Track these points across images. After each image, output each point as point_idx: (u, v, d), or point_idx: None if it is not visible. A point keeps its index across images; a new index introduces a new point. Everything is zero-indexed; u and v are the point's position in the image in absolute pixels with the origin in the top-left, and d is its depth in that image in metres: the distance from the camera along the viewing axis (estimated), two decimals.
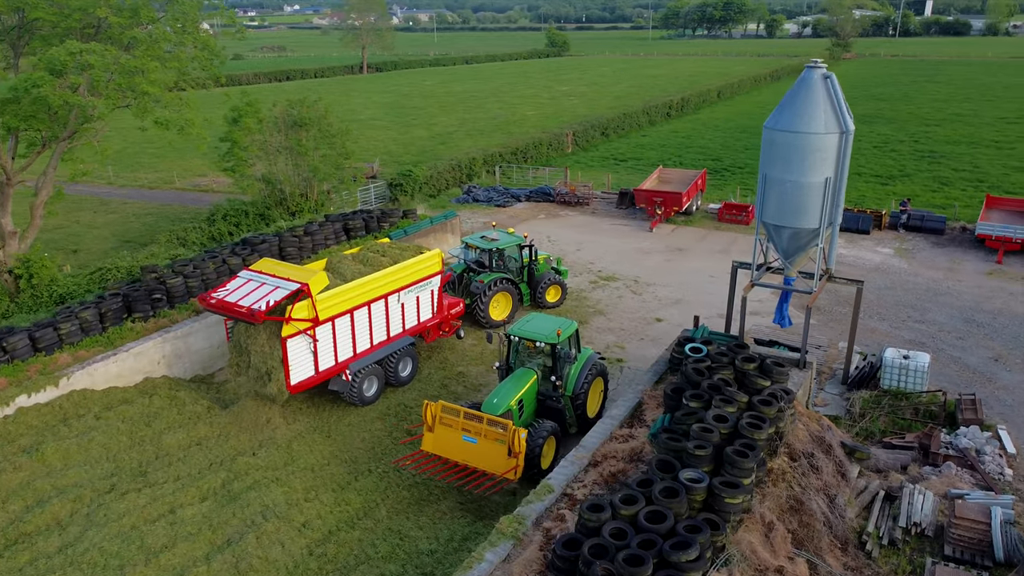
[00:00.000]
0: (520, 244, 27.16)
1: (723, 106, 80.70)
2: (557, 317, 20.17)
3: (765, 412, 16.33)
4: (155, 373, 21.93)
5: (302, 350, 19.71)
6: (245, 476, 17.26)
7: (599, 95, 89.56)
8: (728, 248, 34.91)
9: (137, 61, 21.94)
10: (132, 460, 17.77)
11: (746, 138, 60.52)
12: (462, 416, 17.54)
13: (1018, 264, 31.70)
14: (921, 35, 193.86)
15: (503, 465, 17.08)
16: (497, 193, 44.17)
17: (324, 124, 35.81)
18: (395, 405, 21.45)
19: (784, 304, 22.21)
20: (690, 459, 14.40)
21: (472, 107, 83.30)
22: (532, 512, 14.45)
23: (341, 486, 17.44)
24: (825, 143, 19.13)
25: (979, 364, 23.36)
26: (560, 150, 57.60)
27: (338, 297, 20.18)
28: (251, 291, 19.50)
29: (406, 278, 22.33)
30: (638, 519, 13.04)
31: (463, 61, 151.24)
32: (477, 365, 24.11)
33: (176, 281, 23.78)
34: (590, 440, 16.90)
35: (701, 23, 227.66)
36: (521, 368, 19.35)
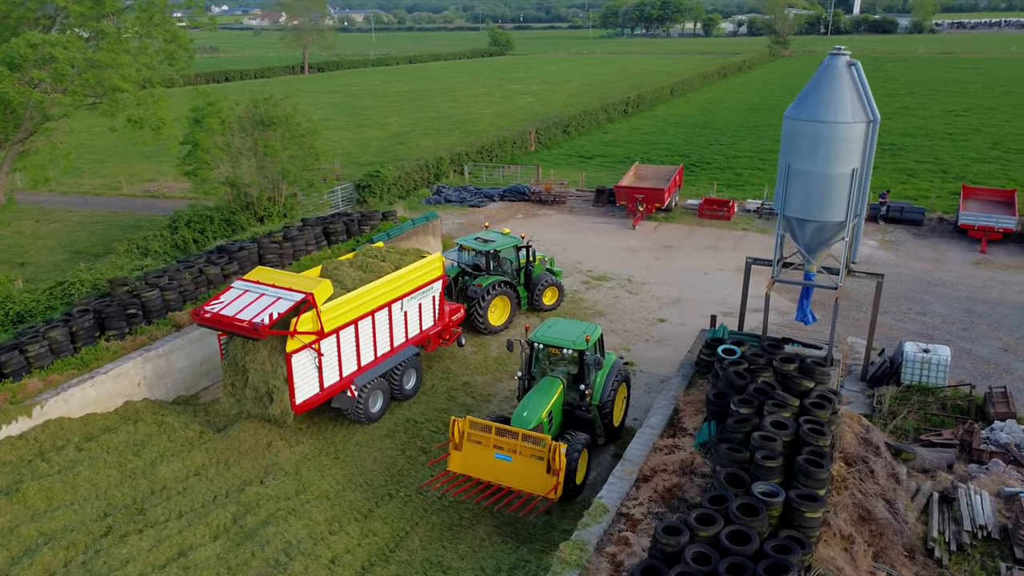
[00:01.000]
0: (517, 245, 25.94)
1: (678, 103, 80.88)
2: (579, 321, 19.02)
3: (820, 416, 15.53)
4: (136, 396, 19.96)
5: (307, 366, 18.09)
6: (257, 508, 15.58)
7: (552, 93, 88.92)
8: (715, 244, 34.36)
9: (106, 55, 19.89)
10: (125, 496, 15.89)
11: (708, 134, 60.49)
12: (494, 432, 16.24)
13: (1002, 253, 31.96)
14: (851, 33, 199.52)
15: (542, 483, 15.84)
16: (469, 193, 42.80)
17: (292, 123, 33.90)
18: (403, 421, 19.98)
19: (806, 300, 21.52)
20: (759, 471, 13.43)
21: (424, 106, 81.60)
22: (591, 536, 13.28)
23: (364, 514, 15.92)
24: (852, 133, 18.48)
25: (991, 355, 23.16)
26: (524, 148, 56.51)
27: (343, 307, 18.62)
28: (249, 303, 17.79)
29: (409, 284, 20.89)
30: (719, 540, 12.00)
31: (406, 61, 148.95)
32: (482, 374, 22.79)
33: (152, 294, 21.78)
34: (634, 452, 15.82)
35: (639, 22, 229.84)
36: (546, 377, 18.12)
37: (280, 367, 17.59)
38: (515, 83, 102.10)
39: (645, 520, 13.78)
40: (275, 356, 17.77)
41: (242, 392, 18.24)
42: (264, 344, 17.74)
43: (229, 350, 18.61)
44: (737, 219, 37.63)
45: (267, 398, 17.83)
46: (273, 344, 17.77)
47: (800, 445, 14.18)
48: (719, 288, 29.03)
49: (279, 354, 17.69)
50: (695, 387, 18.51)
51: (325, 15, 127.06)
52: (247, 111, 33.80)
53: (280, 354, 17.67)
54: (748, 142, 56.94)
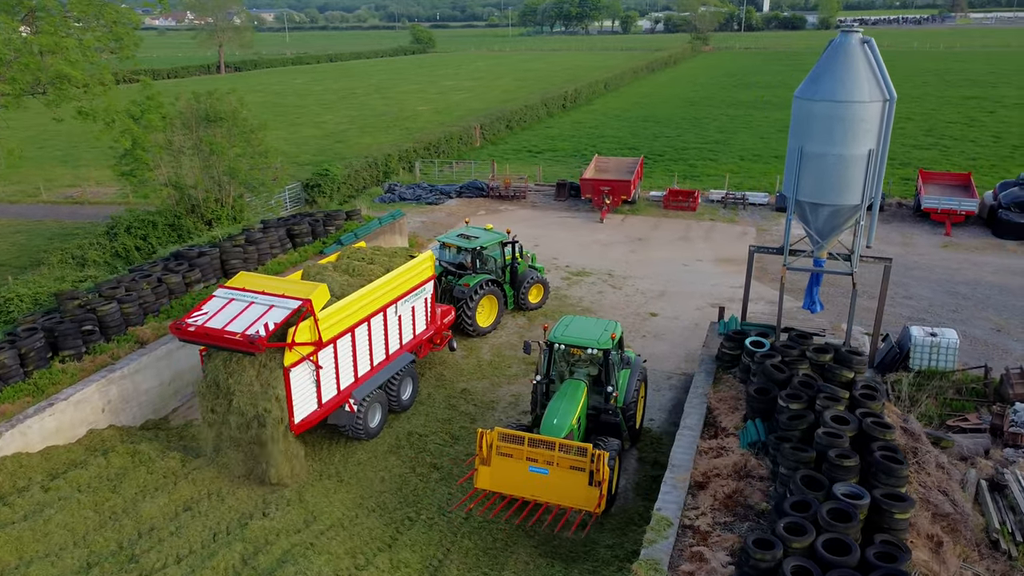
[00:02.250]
0: (502, 241, 24.52)
1: (612, 97, 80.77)
2: (596, 318, 17.78)
3: (873, 407, 14.76)
4: (100, 423, 17.63)
5: (305, 381, 16.22)
6: (267, 546, 13.71)
7: (485, 89, 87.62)
8: (686, 236, 33.75)
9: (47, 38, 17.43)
10: (109, 541, 13.75)
11: (652, 127, 60.32)
12: (527, 443, 14.82)
13: (966, 235, 32.43)
14: (762, 29, 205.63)
15: (584, 497, 14.53)
16: (423, 190, 41.02)
17: (239, 119, 31.48)
18: (404, 435, 18.32)
19: (815, 288, 20.89)
20: (834, 471, 12.48)
21: (356, 104, 79.05)
22: (661, 554, 12.05)
23: (387, 543, 14.26)
24: (869, 112, 17.87)
25: (986, 336, 23.13)
26: (469, 144, 55.00)
27: (339, 313, 16.82)
28: (239, 313, 15.80)
29: (403, 286, 19.22)
30: (816, 551, 10.95)
31: (327, 59, 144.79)
32: (479, 379, 21.30)
33: (108, 308, 19.40)
34: (680, 457, 14.68)
35: (558, 20, 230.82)
36: (568, 380, 16.80)
37: (271, 387, 15.56)
38: (446, 80, 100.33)
39: (714, 532, 12.64)
40: (265, 374, 15.71)
41: (224, 418, 16.05)
42: (251, 361, 15.70)
43: (208, 370, 16.35)
44: (703, 209, 37.17)
45: (255, 423, 15.75)
46: (262, 360, 15.74)
47: (865, 440, 13.34)
48: (702, 280, 28.33)
49: (270, 371, 15.68)
50: (722, 383, 17.53)
51: (241, 11, 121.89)
52: (189, 106, 31.17)
53: (271, 371, 15.67)
54: (693, 134, 56.99)
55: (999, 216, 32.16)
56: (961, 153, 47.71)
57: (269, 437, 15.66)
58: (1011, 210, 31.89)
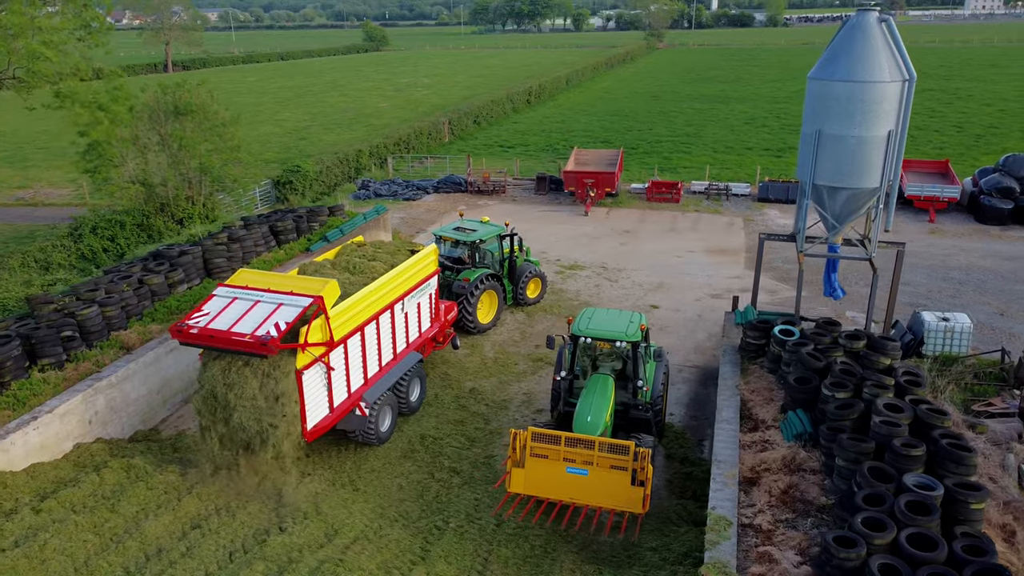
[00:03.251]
0: (500, 234, 23.60)
1: (576, 93, 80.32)
2: (617, 310, 16.99)
3: (920, 393, 14.30)
4: (87, 437, 16.21)
5: (317, 384, 15.09)
6: (292, 564, 12.57)
7: (445, 86, 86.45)
8: (674, 227, 33.27)
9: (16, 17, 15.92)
10: (114, 567, 12.45)
11: (621, 121, 59.98)
12: (563, 443, 13.95)
13: (949, 222, 32.62)
14: (712, 27, 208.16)
15: (626, 497, 13.74)
16: (399, 186, 39.82)
17: (210, 112, 29.89)
18: (417, 439, 17.28)
19: (832, 274, 20.47)
20: (900, 461, 11.90)
21: (313, 101, 77.15)
22: (727, 555, 11.31)
23: (421, 556, 13.25)
24: (889, 92, 17.46)
25: (989, 320, 23.04)
26: (438, 139, 53.85)
27: (350, 311, 15.72)
28: (244, 313, 14.58)
29: (409, 281, 18.18)
30: (901, 547, 10.33)
31: (277, 57, 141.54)
32: (486, 378, 20.35)
33: (89, 312, 17.90)
34: (723, 452, 13.99)
35: (510, 18, 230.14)
36: (594, 375, 15.99)
37: (284, 394, 14.32)
38: (403, 77, 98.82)
39: (777, 530, 11.96)
40: (271, 380, 14.37)
41: (221, 433, 14.72)
42: (253, 370, 14.39)
43: (205, 380, 14.93)
44: (686, 201, 36.78)
45: (259, 439, 14.48)
46: (265, 369, 14.42)
47: (922, 428, 12.82)
48: (698, 271, 27.83)
49: (275, 380, 14.38)
50: (750, 374, 16.92)
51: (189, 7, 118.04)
52: (155, 98, 29.48)
53: (276, 380, 14.39)
54: (663, 127, 56.80)
55: (981, 202, 32.41)
56: (928, 142, 48.37)
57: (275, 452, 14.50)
58: (993, 196, 32.16)
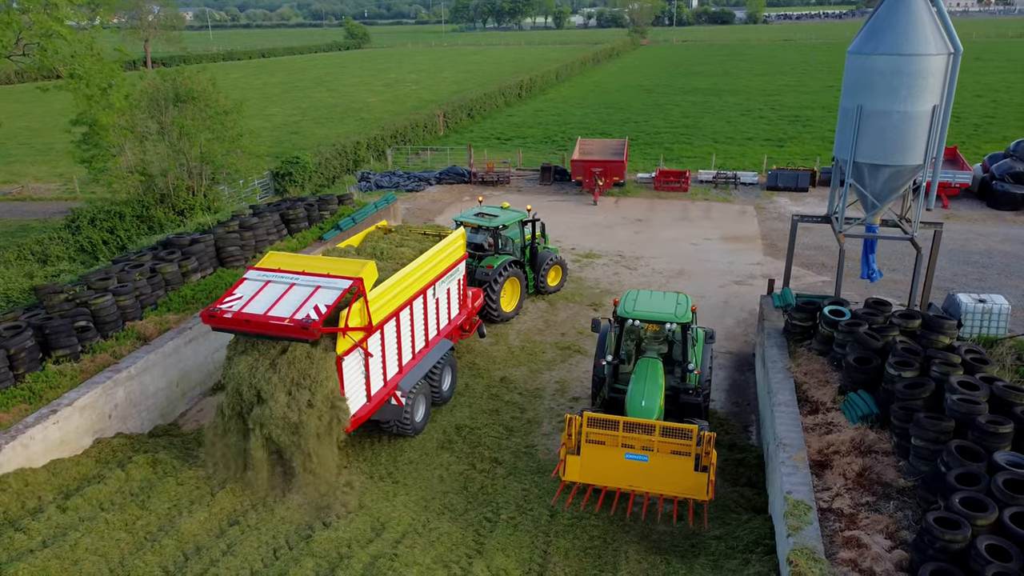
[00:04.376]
0: (522, 220, 22.90)
1: (566, 87, 79.76)
2: (660, 291, 16.36)
3: (988, 371, 13.80)
4: (107, 432, 15.29)
5: (356, 372, 14.31)
6: (343, 561, 11.78)
7: (433, 81, 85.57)
8: (686, 216, 32.74)
9: None
10: (152, 567, 11.60)
11: (617, 113, 59.47)
12: (622, 428, 13.29)
13: (962, 207, 32.38)
14: (693, 24, 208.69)
15: (690, 484, 13.11)
16: (399, 178, 38.97)
17: (211, 99, 28.96)
18: (452, 429, 16.54)
19: (871, 255, 19.99)
20: (987, 439, 11.37)
21: (301, 97, 75.97)
22: (812, 541, 10.69)
23: (476, 549, 12.52)
24: (934, 66, 16.98)
25: (1019, 302, 22.68)
26: (433, 132, 53.02)
27: (387, 294, 14.95)
28: (280, 296, 13.77)
29: (440, 265, 17.43)
30: (1006, 528, 9.79)
31: (259, 55, 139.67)
32: (515, 367, 19.64)
33: (103, 301, 16.98)
34: (787, 435, 13.38)
35: (490, 16, 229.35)
36: (642, 359, 15.34)
37: (319, 381, 13.50)
38: (389, 73, 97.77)
39: (860, 514, 11.38)
40: (309, 366, 13.54)
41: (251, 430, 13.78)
42: (289, 352, 13.54)
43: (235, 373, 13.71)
44: (694, 190, 36.29)
45: (293, 433, 13.59)
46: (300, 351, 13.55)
47: (1000, 406, 12.29)
48: (716, 257, 27.31)
49: (312, 362, 13.56)
50: (799, 356, 16.35)
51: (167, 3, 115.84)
52: (154, 85, 28.51)
53: (314, 362, 13.58)
54: (660, 119, 56.35)
55: (994, 188, 32.19)
56: None
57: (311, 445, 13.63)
58: (1006, 181, 31.95)
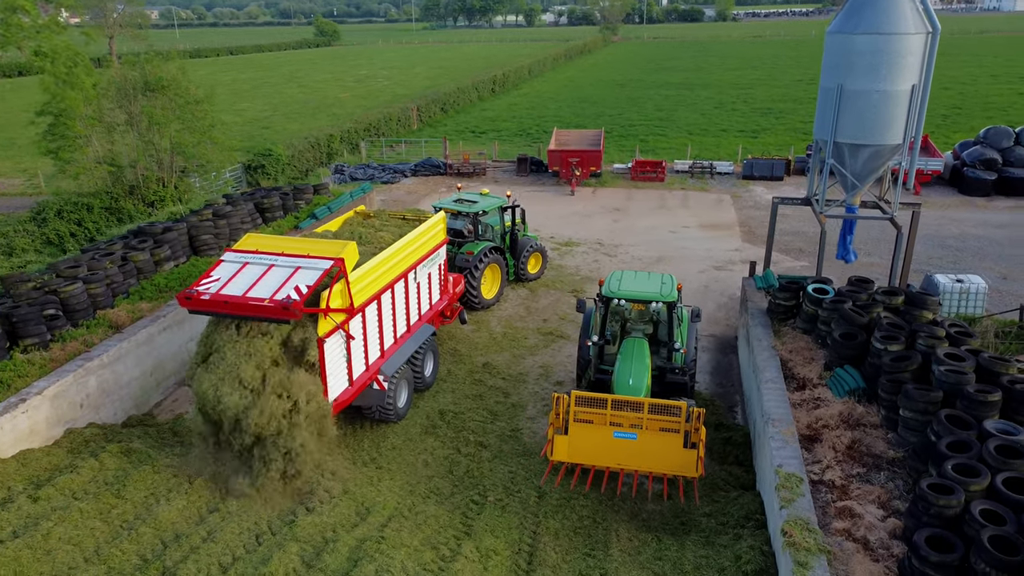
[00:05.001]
0: (502, 206, 22.69)
1: (540, 82, 79.68)
2: (645, 271, 16.24)
3: (972, 344, 13.85)
4: (79, 421, 14.81)
5: (337, 354, 13.99)
6: (329, 544, 11.48)
7: (405, 77, 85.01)
8: (664, 205, 32.76)
9: None
10: (129, 555, 11.19)
11: (591, 107, 59.50)
12: (610, 406, 13.13)
13: (934, 194, 32.75)
14: (663, 22, 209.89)
15: (680, 461, 12.99)
16: (375, 170, 38.55)
17: (181, 88, 28.35)
18: (436, 414, 16.28)
19: (849, 236, 20.06)
20: (976, 408, 11.38)
21: (271, 93, 75.04)
22: (805, 512, 10.61)
23: (464, 531, 12.28)
24: (913, 45, 17.07)
25: (994, 283, 22.90)
26: (407, 126, 52.60)
27: (368, 276, 14.65)
28: (258, 277, 13.40)
29: (421, 249, 17.15)
30: (998, 492, 9.78)
31: (227, 52, 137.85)
32: (497, 352, 19.43)
33: (73, 289, 16.46)
34: (775, 410, 13.30)
35: (461, 14, 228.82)
36: (628, 339, 15.20)
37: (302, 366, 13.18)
38: (360, 69, 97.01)
39: (851, 485, 11.33)
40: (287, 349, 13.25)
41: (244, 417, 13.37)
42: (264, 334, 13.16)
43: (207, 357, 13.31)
44: (671, 180, 36.33)
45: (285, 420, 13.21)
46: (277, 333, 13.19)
47: (986, 377, 12.32)
48: (696, 245, 27.33)
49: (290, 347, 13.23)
50: (784, 335, 16.32)
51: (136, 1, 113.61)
52: (122, 73, 27.83)
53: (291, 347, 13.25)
54: (634, 112, 56.46)
55: (965, 174, 32.62)
56: None
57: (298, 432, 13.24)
58: (976, 168, 32.38)
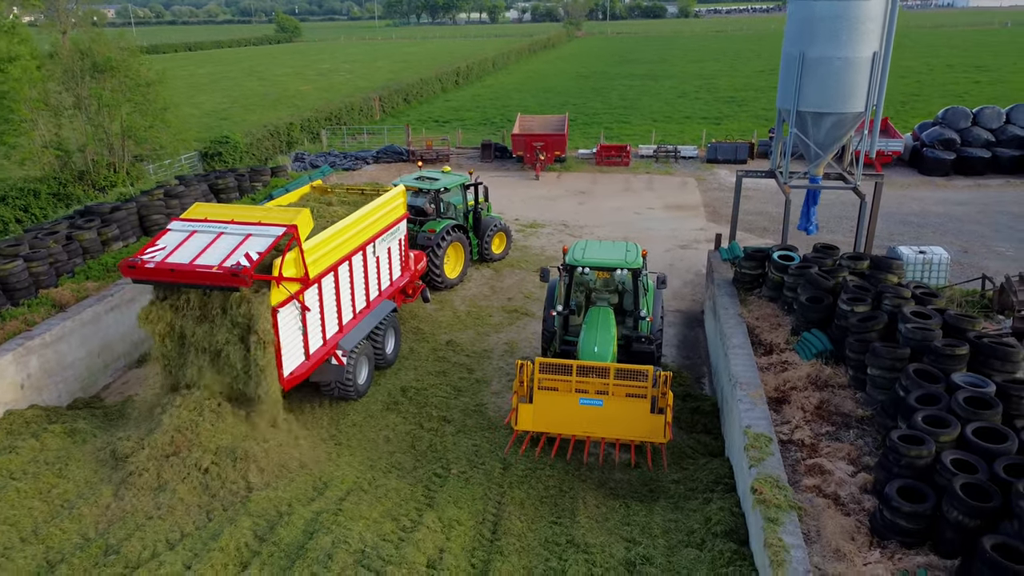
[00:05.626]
0: (464, 183, 22.25)
1: (503, 75, 79.38)
2: (610, 241, 15.95)
3: (938, 304, 13.75)
4: (20, 403, 14.08)
5: (292, 326, 13.45)
6: (283, 518, 10.97)
7: (367, 71, 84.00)
8: (629, 188, 32.57)
9: None
10: (70, 534, 10.57)
11: (555, 97, 59.27)
12: (575, 372, 12.78)
13: (894, 174, 32.93)
14: (626, 18, 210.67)
15: (647, 427, 12.70)
16: (337, 157, 37.84)
17: (132, 69, 27.47)
18: (397, 391, 15.82)
19: (813, 207, 20.00)
20: (943, 362, 11.25)
21: (231, 86, 73.68)
22: (775, 469, 10.38)
23: (426, 503, 11.84)
24: (873, 10, 17.04)
25: (956, 256, 23.03)
26: (369, 116, 51.87)
27: (325, 246, 14.15)
28: (206, 245, 12.82)
29: (379, 222, 16.67)
30: (967, 441, 9.62)
31: (185, 48, 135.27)
32: (460, 330, 19.00)
33: (13, 267, 15.72)
34: (742, 374, 13.09)
35: (424, 11, 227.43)
36: (593, 308, 14.89)
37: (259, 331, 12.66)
38: (322, 63, 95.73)
39: (821, 443, 11.12)
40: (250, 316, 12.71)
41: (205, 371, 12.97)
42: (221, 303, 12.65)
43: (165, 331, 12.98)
44: (635, 164, 36.20)
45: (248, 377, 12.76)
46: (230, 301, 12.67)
47: (953, 333, 12.21)
48: (660, 225, 27.16)
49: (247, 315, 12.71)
50: (750, 304, 16.15)
51: None
52: (70, 53, 26.88)
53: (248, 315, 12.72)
54: (598, 102, 56.35)
55: (924, 154, 32.94)
56: None
57: None
58: (936, 148, 32.70)
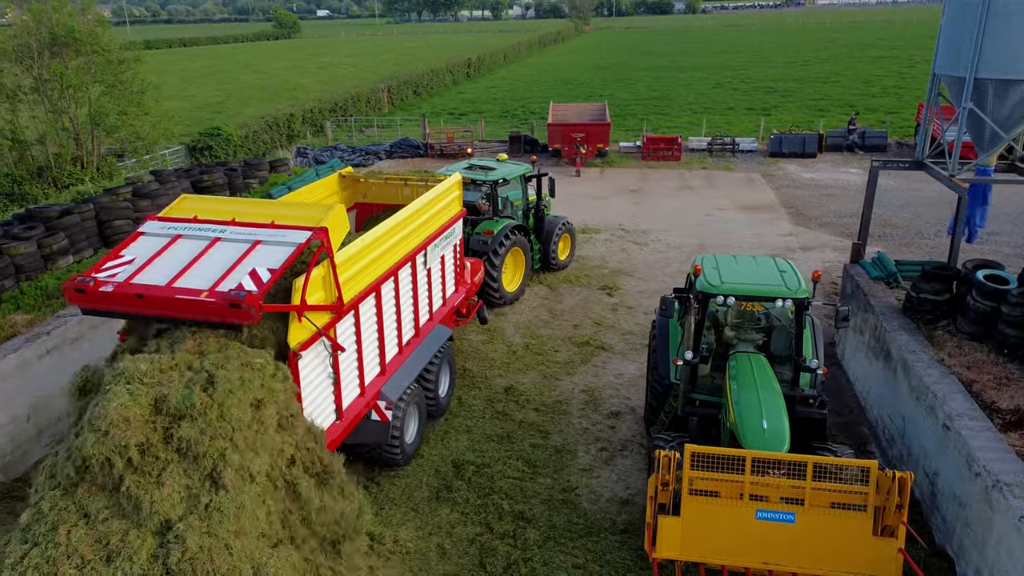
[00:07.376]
0: (525, 174, 17.73)
1: (516, 67, 74.87)
2: (746, 255, 11.39)
3: None
4: None
5: (319, 375, 8.84)
6: None
7: (371, 64, 79.43)
8: (686, 184, 28.01)
9: None
10: None
11: (577, 88, 54.87)
12: (749, 469, 8.15)
13: None
14: (632, 14, 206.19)
15: (867, 556, 8.03)
16: (344, 152, 33.20)
17: (102, 43, 22.88)
18: (445, 466, 11.35)
19: (983, 207, 15.44)
20: None
21: (226, 79, 69.26)
22: None
23: None
24: None
25: None
26: (377, 109, 47.31)
27: (364, 256, 9.63)
28: (195, 257, 8.19)
29: (433, 221, 12.09)
30: None
31: (179, 43, 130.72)
32: (522, 372, 14.34)
33: None
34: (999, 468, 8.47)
35: (426, 8, 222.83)
36: (739, 355, 10.24)
37: None
38: (323, 57, 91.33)
39: None
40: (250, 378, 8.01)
41: None
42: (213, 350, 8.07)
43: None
44: (687, 159, 31.62)
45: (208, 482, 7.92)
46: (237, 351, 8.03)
47: None
48: (739, 229, 22.59)
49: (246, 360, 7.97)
50: (942, 343, 11.53)
51: None
52: (24, 27, 22.27)
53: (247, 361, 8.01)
54: (625, 93, 51.81)
55: None
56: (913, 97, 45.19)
57: None
58: None
